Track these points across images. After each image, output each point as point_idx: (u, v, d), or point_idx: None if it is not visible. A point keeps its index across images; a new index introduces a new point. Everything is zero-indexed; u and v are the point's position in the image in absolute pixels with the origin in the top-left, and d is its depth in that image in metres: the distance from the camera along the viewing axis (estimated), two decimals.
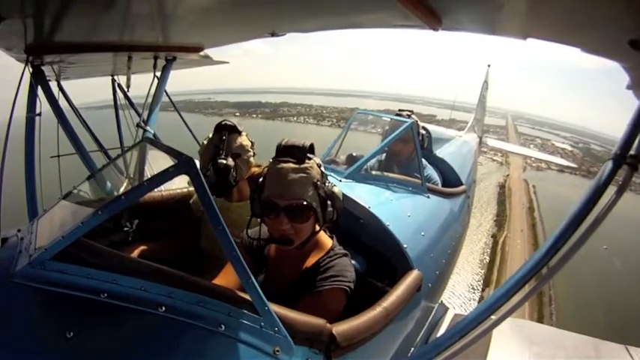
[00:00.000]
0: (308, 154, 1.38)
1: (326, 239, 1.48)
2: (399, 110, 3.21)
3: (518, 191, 48.16)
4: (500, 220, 36.69)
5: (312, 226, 1.39)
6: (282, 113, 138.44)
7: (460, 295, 25.15)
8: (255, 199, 1.40)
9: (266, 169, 1.41)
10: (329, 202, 1.38)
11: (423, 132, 3.17)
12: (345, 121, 3.22)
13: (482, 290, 26.28)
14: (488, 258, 29.82)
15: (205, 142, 1.92)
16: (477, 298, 24.66)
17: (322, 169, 1.41)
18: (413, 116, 3.05)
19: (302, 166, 1.34)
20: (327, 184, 1.40)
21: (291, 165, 1.33)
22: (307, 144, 1.38)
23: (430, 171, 3.09)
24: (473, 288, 26.64)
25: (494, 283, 26.71)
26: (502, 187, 47.77)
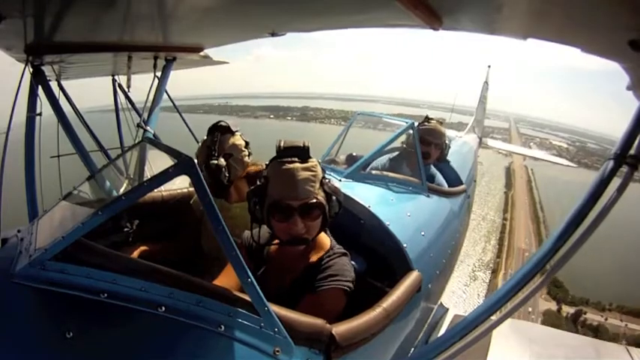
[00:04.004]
0: None
1: (325, 239, 1.49)
2: (427, 117, 3.19)
3: (519, 171, 77.66)
4: (509, 185, 67.87)
5: (320, 223, 1.40)
6: (312, 116, 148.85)
7: (492, 215, 47.83)
8: (257, 204, 1.37)
9: (265, 171, 1.40)
10: (334, 198, 1.39)
11: (447, 142, 3.18)
12: (373, 123, 3.27)
13: (504, 218, 50.57)
14: (504, 201, 58.72)
15: (201, 143, 1.95)
16: (502, 219, 48.82)
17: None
18: (437, 123, 3.08)
19: (308, 164, 1.35)
20: (327, 180, 1.42)
21: (299, 164, 1.33)
22: (307, 143, 1.38)
23: (439, 178, 3.07)
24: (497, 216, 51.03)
25: (509, 212, 52.89)
26: (508, 169, 77.79)
